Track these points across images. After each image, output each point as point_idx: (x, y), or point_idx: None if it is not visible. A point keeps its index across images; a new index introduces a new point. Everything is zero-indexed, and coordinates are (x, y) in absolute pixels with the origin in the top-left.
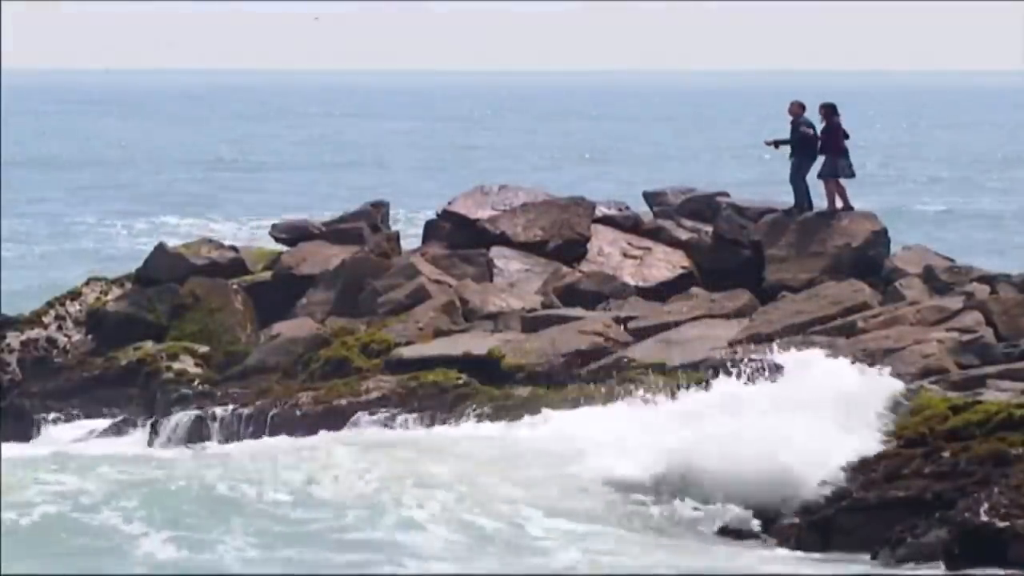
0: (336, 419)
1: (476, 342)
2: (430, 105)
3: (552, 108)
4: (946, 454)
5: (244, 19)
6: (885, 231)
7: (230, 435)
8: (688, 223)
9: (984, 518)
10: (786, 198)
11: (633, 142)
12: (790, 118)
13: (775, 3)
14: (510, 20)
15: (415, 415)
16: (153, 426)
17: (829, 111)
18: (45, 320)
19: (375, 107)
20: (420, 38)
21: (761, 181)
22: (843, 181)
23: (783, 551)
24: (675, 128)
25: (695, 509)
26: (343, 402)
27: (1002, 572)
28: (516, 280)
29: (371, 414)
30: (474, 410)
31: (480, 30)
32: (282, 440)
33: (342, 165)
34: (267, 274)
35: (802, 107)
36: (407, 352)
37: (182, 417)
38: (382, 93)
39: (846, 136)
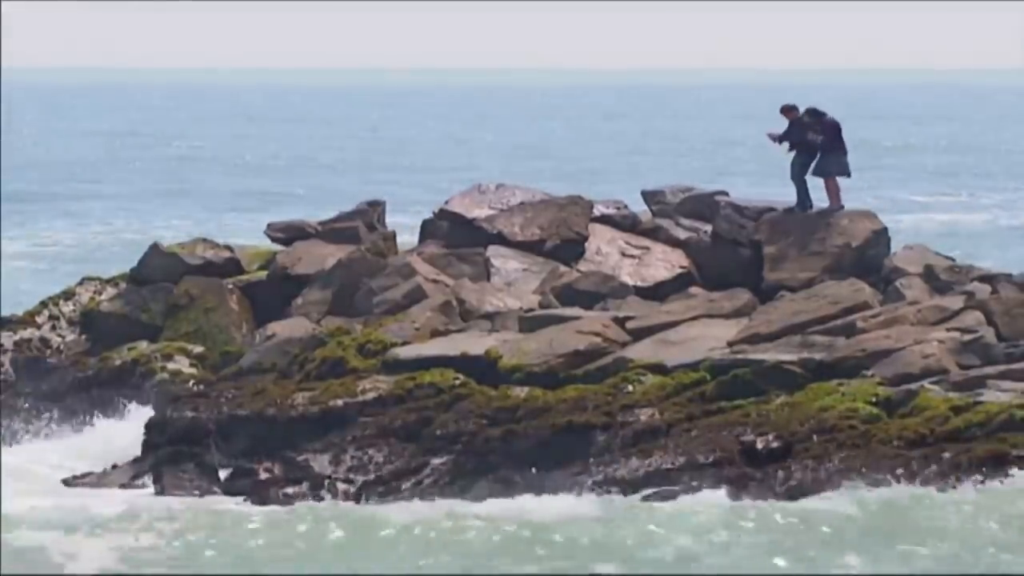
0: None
1: (473, 342)
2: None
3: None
4: (947, 455)
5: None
6: (885, 230)
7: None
8: (687, 222)
9: None
10: (785, 197)
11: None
12: (787, 119)
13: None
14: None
15: None
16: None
17: (816, 113)
18: (39, 320)
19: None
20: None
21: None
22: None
23: None
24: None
25: None
26: (339, 403)
27: None
28: (513, 279)
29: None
30: None
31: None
32: None
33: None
34: (262, 274)
35: (796, 109)
36: (404, 352)
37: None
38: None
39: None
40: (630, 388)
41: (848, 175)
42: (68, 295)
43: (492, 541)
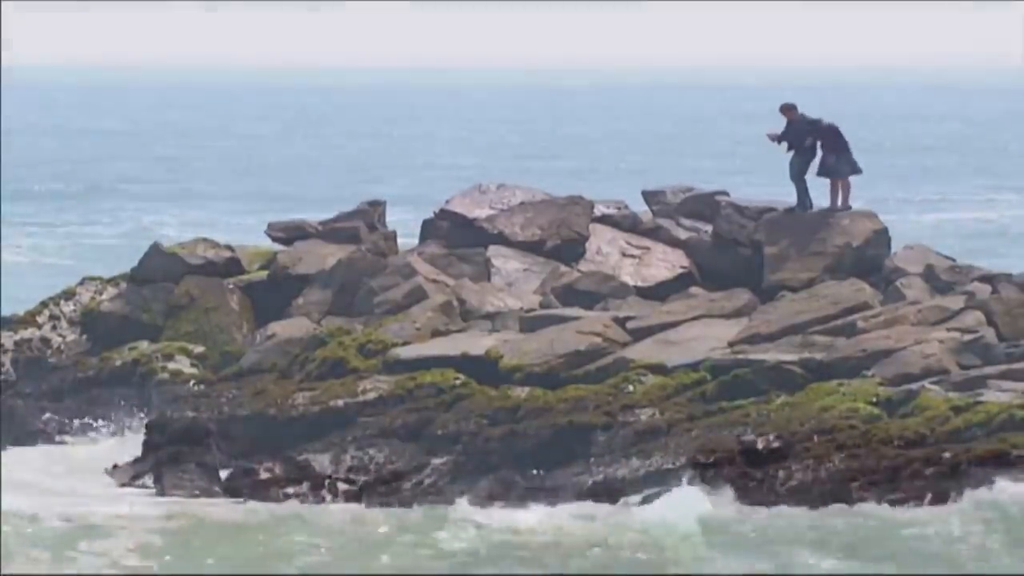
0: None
1: (474, 342)
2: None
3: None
4: (947, 455)
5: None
6: (886, 230)
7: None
8: (687, 222)
9: None
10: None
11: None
12: (786, 118)
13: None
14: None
15: None
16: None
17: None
18: (39, 320)
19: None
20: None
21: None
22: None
23: None
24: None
25: None
26: (340, 403)
27: None
28: (514, 280)
29: None
30: None
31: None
32: None
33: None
34: (263, 273)
35: (795, 107)
36: (404, 352)
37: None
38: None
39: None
40: (630, 388)
41: (859, 172)
42: (69, 295)
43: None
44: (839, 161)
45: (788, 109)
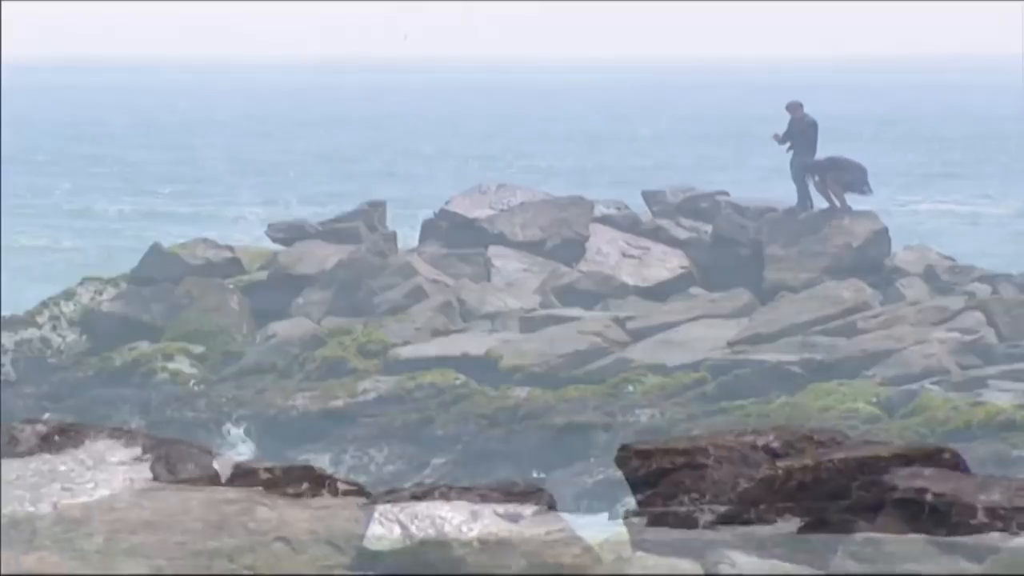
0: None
1: (474, 342)
2: None
3: None
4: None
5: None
6: (886, 230)
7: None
8: (687, 222)
9: None
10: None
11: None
12: (791, 115)
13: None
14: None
15: None
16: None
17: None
18: (39, 320)
19: None
20: None
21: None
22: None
23: None
24: None
25: None
26: (340, 403)
27: None
28: (514, 280)
29: None
30: None
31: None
32: None
33: None
34: (263, 274)
35: (801, 106)
36: (404, 352)
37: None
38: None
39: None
40: (630, 388)
41: (863, 192)
42: (69, 295)
43: None
44: (838, 177)
45: (794, 108)
